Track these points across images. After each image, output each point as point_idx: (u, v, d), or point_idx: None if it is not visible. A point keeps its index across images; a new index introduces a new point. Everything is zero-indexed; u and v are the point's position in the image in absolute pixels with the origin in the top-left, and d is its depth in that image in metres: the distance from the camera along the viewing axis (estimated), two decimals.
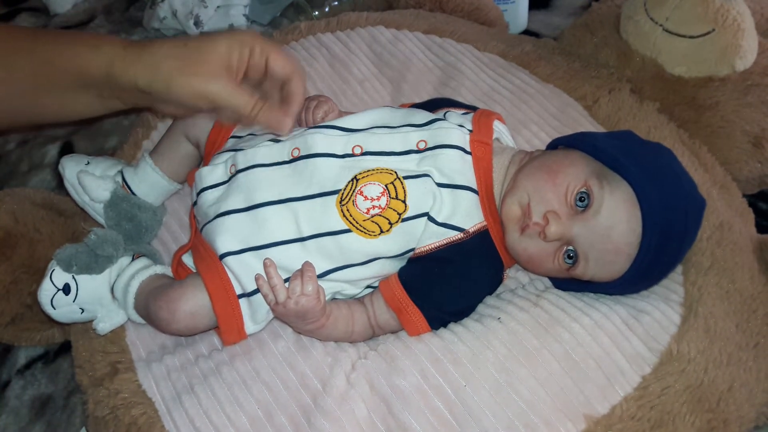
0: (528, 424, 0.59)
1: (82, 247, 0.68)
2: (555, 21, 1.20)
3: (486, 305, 0.67)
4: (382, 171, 0.64)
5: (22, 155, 1.03)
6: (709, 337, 0.65)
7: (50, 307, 0.67)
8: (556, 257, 0.64)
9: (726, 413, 0.62)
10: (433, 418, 0.60)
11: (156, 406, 0.63)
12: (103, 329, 0.69)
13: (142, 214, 0.72)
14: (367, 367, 0.63)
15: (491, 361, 0.62)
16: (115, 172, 0.73)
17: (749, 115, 0.84)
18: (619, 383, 0.61)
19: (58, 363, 0.81)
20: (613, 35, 0.90)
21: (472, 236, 0.64)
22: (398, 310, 0.64)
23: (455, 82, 0.88)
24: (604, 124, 0.84)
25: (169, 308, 0.64)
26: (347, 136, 0.67)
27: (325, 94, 0.86)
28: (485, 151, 0.66)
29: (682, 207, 0.62)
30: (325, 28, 0.96)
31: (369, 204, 0.63)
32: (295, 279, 0.61)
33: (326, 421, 0.60)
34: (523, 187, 0.64)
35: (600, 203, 0.61)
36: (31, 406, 0.78)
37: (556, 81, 0.88)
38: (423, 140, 0.66)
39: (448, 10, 1.04)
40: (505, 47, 0.93)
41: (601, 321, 0.64)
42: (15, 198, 0.78)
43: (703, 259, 0.70)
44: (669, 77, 0.86)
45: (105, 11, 1.28)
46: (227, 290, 0.64)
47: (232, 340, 0.66)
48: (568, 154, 0.66)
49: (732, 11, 0.80)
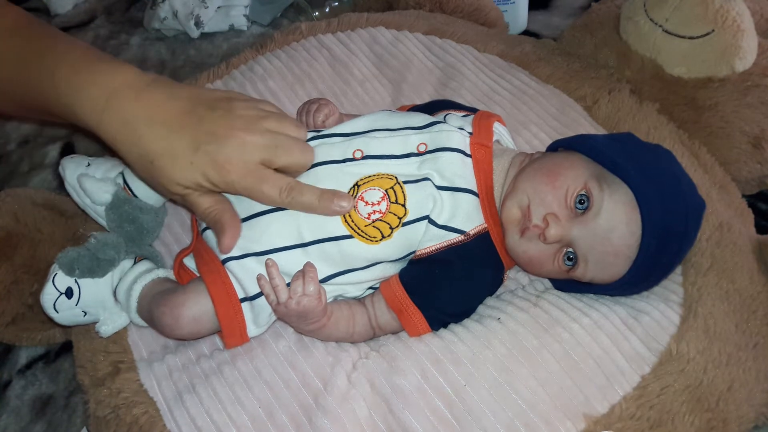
0: (528, 423, 0.59)
1: (83, 250, 0.68)
2: (555, 21, 1.20)
3: (486, 306, 0.67)
4: (382, 176, 0.64)
5: (23, 155, 1.03)
6: (708, 337, 0.65)
7: (53, 311, 0.67)
8: (555, 259, 0.64)
9: (725, 413, 0.62)
10: (433, 417, 0.60)
11: (157, 406, 0.64)
12: (106, 332, 0.69)
13: (144, 216, 0.72)
14: (368, 366, 0.63)
15: (491, 361, 0.62)
16: (116, 173, 0.73)
17: (749, 115, 0.84)
18: (618, 383, 0.61)
19: (59, 363, 0.81)
20: (613, 36, 0.90)
21: (472, 238, 0.65)
22: (399, 310, 0.64)
23: (455, 83, 0.88)
24: (603, 124, 0.84)
25: (173, 314, 0.64)
26: (348, 141, 0.67)
27: (326, 95, 0.87)
28: (485, 153, 0.67)
29: (681, 209, 0.62)
30: (326, 28, 0.96)
31: (370, 209, 0.63)
32: (296, 279, 0.61)
33: (327, 420, 0.60)
34: (523, 189, 0.64)
35: (599, 206, 0.61)
36: (32, 406, 0.78)
37: (556, 82, 0.89)
38: (423, 143, 0.66)
39: (448, 10, 1.04)
40: (505, 48, 0.93)
41: (600, 321, 0.64)
42: (16, 198, 0.78)
43: (703, 259, 0.70)
44: (669, 78, 0.86)
45: (105, 12, 1.29)
46: (229, 294, 0.64)
47: (235, 344, 0.66)
48: (567, 157, 0.66)
49: (732, 12, 0.80)
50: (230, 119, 0.62)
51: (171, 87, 0.64)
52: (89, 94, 0.61)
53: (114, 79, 0.61)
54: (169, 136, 0.60)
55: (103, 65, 0.63)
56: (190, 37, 1.19)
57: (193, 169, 0.61)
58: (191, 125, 0.61)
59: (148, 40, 1.22)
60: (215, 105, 0.63)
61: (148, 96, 0.61)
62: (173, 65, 1.16)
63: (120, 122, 0.61)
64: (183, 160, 0.61)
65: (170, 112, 0.61)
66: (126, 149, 0.62)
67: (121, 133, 0.61)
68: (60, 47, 0.64)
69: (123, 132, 0.61)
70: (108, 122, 0.61)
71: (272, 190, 0.62)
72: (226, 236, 0.63)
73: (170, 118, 0.61)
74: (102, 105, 0.61)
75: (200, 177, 0.61)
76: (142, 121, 0.61)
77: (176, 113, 0.61)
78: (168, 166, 0.61)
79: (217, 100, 0.64)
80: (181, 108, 0.62)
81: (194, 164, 0.60)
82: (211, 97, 0.64)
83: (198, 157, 0.60)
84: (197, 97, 0.64)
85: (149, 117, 0.61)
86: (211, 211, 0.63)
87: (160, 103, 0.62)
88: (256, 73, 0.89)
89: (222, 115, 0.62)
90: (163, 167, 0.61)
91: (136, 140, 0.61)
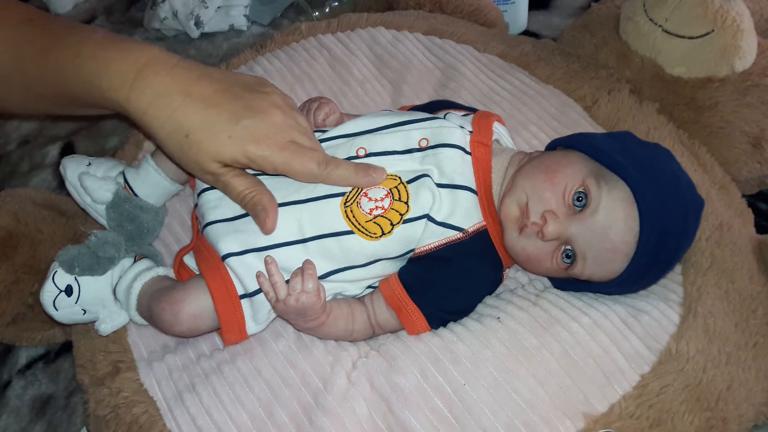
0: (527, 422, 0.59)
1: (83, 248, 0.68)
2: (555, 22, 1.20)
3: (485, 305, 0.68)
4: (387, 176, 0.65)
5: (23, 155, 1.03)
6: (708, 336, 0.65)
7: (53, 309, 0.67)
8: (554, 257, 0.64)
9: (725, 412, 0.63)
10: (432, 416, 0.60)
11: (157, 405, 0.64)
12: (105, 330, 0.69)
13: (144, 215, 0.72)
14: (367, 366, 0.63)
15: (490, 360, 0.62)
16: (116, 173, 0.74)
17: (748, 115, 0.84)
18: (618, 382, 0.61)
19: (59, 363, 0.81)
20: (613, 36, 0.90)
21: (471, 236, 0.65)
22: (398, 309, 0.65)
23: (455, 83, 0.88)
24: (603, 124, 0.84)
25: (173, 310, 0.64)
26: (350, 140, 0.67)
27: (326, 95, 0.87)
28: (485, 152, 0.67)
29: (680, 207, 0.62)
30: (326, 29, 0.96)
31: (372, 205, 0.63)
32: (295, 276, 0.61)
33: (327, 419, 0.60)
34: (522, 187, 0.64)
35: (597, 203, 0.62)
36: (31, 406, 0.78)
37: (556, 82, 0.89)
38: (425, 138, 0.66)
39: (448, 11, 1.04)
40: (505, 48, 0.93)
41: (600, 320, 0.64)
42: (16, 198, 0.78)
43: (703, 259, 0.70)
44: (668, 78, 0.86)
45: (106, 11, 1.29)
46: (229, 290, 0.64)
47: (234, 340, 0.66)
48: (566, 155, 0.66)
49: (731, 12, 0.80)
50: (268, 100, 0.62)
51: (202, 67, 0.63)
52: (117, 68, 0.59)
53: (143, 55, 0.60)
54: (207, 111, 0.59)
55: (129, 44, 0.62)
56: (190, 37, 1.19)
57: (231, 143, 0.59)
58: (229, 101, 0.60)
59: (148, 40, 1.22)
60: (251, 87, 0.63)
61: (181, 72, 0.60)
62: None
63: (153, 95, 0.59)
64: (222, 134, 0.59)
65: (207, 89, 0.60)
66: (158, 124, 0.60)
67: (153, 106, 0.59)
68: (80, 31, 0.63)
69: (156, 105, 0.59)
70: (138, 96, 0.59)
71: (311, 163, 0.62)
72: (269, 218, 0.62)
73: (207, 94, 0.60)
74: (132, 78, 0.59)
75: (239, 152, 0.60)
76: (177, 94, 0.59)
77: (212, 90, 0.61)
78: (205, 140, 0.59)
79: (251, 84, 0.64)
80: (217, 87, 0.61)
81: (233, 138, 0.59)
82: (244, 80, 0.64)
83: (237, 131, 0.59)
84: (231, 78, 0.63)
85: (185, 92, 0.59)
86: (249, 192, 0.62)
87: (195, 80, 0.60)
88: (256, 74, 0.90)
89: (259, 96, 0.62)
90: (201, 141, 0.59)
91: (171, 113, 0.59)
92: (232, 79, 0.63)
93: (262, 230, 0.62)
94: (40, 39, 0.63)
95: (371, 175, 0.63)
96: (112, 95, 0.60)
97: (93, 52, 0.61)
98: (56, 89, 0.64)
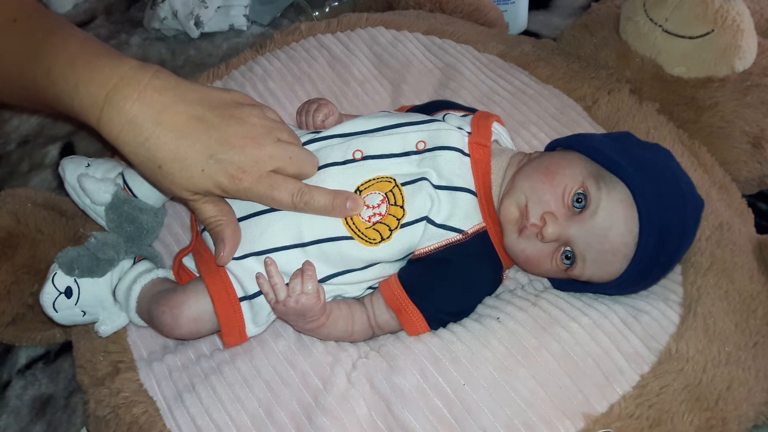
0: (527, 422, 0.59)
1: (83, 250, 0.68)
2: (555, 21, 1.21)
3: (485, 305, 0.68)
4: (381, 179, 0.64)
5: (23, 155, 1.03)
6: (708, 336, 0.65)
7: (52, 310, 0.67)
8: (553, 258, 0.64)
9: (725, 412, 0.62)
10: (432, 416, 0.60)
11: (157, 405, 0.64)
12: (105, 332, 0.69)
13: (144, 216, 0.72)
14: (367, 366, 0.63)
15: (490, 361, 0.62)
16: (116, 174, 0.73)
17: (749, 115, 0.84)
18: (617, 382, 0.61)
19: (58, 363, 0.81)
20: (613, 36, 0.90)
21: (470, 237, 0.65)
22: (398, 310, 0.65)
23: (455, 83, 0.88)
24: (603, 124, 0.84)
25: (173, 313, 0.64)
26: (347, 141, 0.67)
27: (326, 95, 0.87)
28: (484, 153, 0.67)
29: (679, 207, 0.62)
30: (326, 29, 0.96)
31: (371, 212, 0.63)
32: (295, 278, 0.61)
33: (327, 419, 0.60)
34: (521, 188, 0.64)
35: (597, 204, 0.62)
36: (31, 406, 0.78)
37: (556, 82, 0.89)
38: (422, 141, 0.66)
39: (448, 10, 1.04)
40: (505, 48, 0.93)
41: (599, 320, 0.64)
42: (16, 198, 0.78)
43: (703, 259, 0.70)
44: (668, 78, 0.86)
45: (105, 11, 1.29)
46: (229, 293, 0.64)
47: (233, 343, 0.66)
48: (565, 156, 0.66)
49: (731, 12, 0.80)
50: (243, 128, 0.61)
51: (176, 86, 0.60)
52: (87, 90, 0.59)
53: (114, 74, 0.59)
54: (179, 142, 0.58)
55: (101, 59, 0.60)
56: (190, 37, 1.19)
57: (204, 176, 0.59)
58: (202, 132, 0.59)
59: (148, 40, 1.22)
60: (225, 112, 0.61)
61: (152, 95, 0.59)
62: (173, 65, 1.16)
63: (123, 121, 0.58)
64: (194, 168, 0.59)
65: (179, 117, 0.59)
66: (131, 150, 0.59)
67: (125, 132, 0.58)
68: (56, 41, 0.61)
69: (127, 132, 0.58)
70: (109, 121, 0.59)
71: (285, 196, 0.62)
72: (225, 250, 0.62)
73: (179, 123, 0.59)
74: (101, 102, 0.58)
75: (211, 185, 0.60)
76: (149, 122, 0.58)
77: (185, 118, 0.59)
78: (177, 172, 0.59)
79: (226, 106, 0.62)
80: (191, 113, 0.59)
81: (206, 172, 0.59)
82: (219, 101, 0.62)
83: (210, 166, 0.59)
84: (206, 100, 0.61)
85: (156, 120, 0.58)
86: (214, 221, 0.63)
87: (168, 105, 0.59)
88: (255, 74, 0.90)
89: (234, 124, 0.61)
90: (173, 173, 0.59)
91: (143, 141, 0.58)
92: (207, 101, 0.61)
93: (216, 260, 0.63)
94: (19, 47, 0.63)
95: (346, 207, 0.63)
96: (84, 117, 0.60)
97: (64, 70, 0.59)
98: (37, 99, 0.64)
